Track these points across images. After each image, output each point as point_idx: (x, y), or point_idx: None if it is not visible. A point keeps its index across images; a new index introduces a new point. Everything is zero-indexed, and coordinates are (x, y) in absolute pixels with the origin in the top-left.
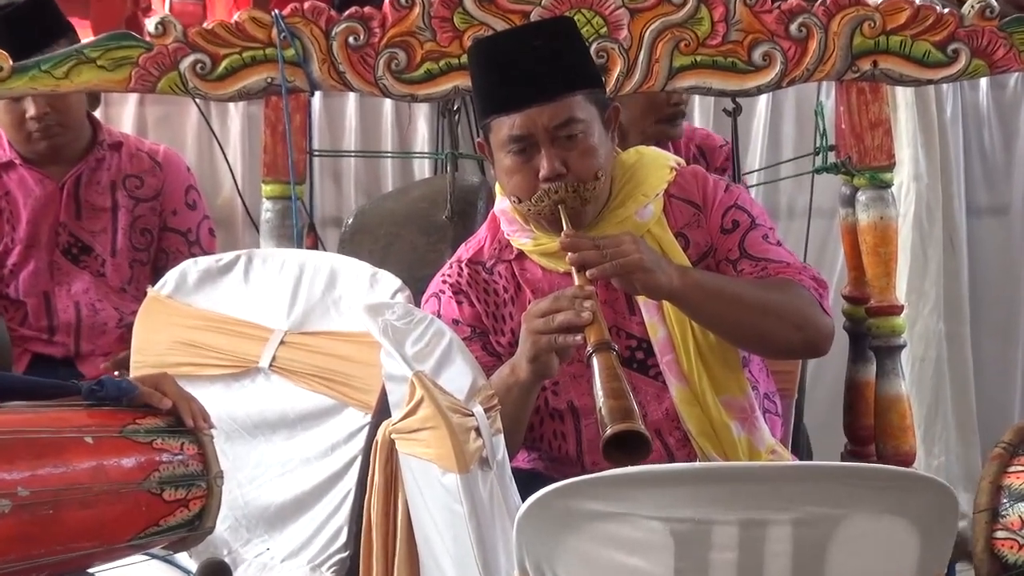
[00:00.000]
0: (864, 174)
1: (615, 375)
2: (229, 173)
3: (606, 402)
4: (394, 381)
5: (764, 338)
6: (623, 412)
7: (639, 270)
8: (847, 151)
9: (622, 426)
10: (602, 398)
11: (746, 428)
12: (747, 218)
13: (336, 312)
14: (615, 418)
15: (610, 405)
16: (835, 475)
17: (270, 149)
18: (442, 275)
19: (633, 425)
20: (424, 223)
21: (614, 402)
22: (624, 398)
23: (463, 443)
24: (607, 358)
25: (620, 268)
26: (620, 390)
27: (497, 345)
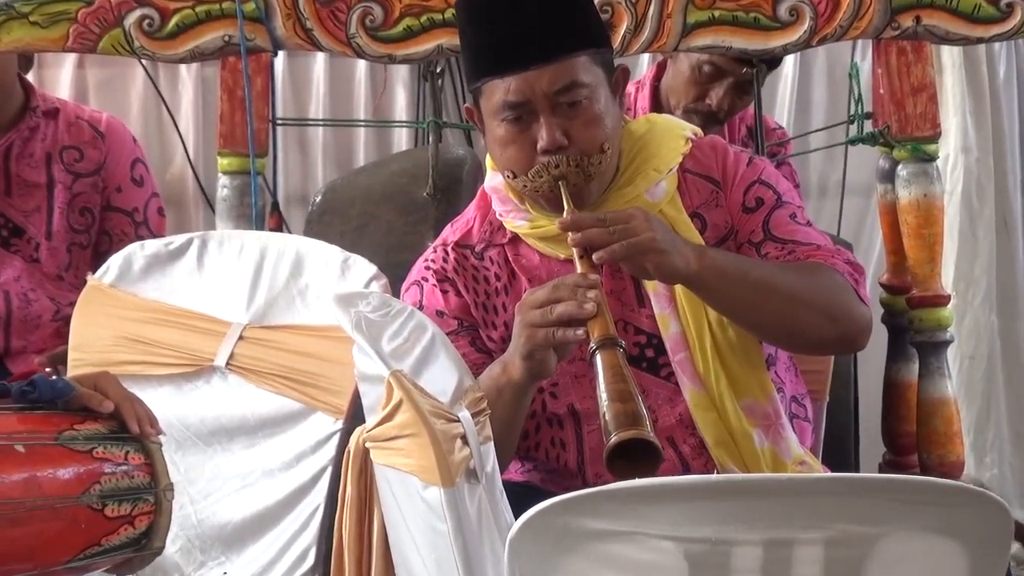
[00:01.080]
0: (905, 145)
1: (621, 375)
2: (180, 145)
3: (611, 406)
4: (368, 382)
5: (793, 330)
6: (630, 417)
7: (652, 251)
8: (886, 119)
9: (629, 433)
10: (606, 401)
11: (770, 437)
12: (772, 195)
13: (302, 303)
14: (621, 424)
15: (616, 409)
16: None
17: (227, 117)
18: (424, 260)
19: (641, 432)
20: (403, 201)
21: (620, 406)
22: (631, 401)
23: (447, 452)
24: (613, 356)
25: (631, 249)
26: (627, 392)
27: (488, 340)
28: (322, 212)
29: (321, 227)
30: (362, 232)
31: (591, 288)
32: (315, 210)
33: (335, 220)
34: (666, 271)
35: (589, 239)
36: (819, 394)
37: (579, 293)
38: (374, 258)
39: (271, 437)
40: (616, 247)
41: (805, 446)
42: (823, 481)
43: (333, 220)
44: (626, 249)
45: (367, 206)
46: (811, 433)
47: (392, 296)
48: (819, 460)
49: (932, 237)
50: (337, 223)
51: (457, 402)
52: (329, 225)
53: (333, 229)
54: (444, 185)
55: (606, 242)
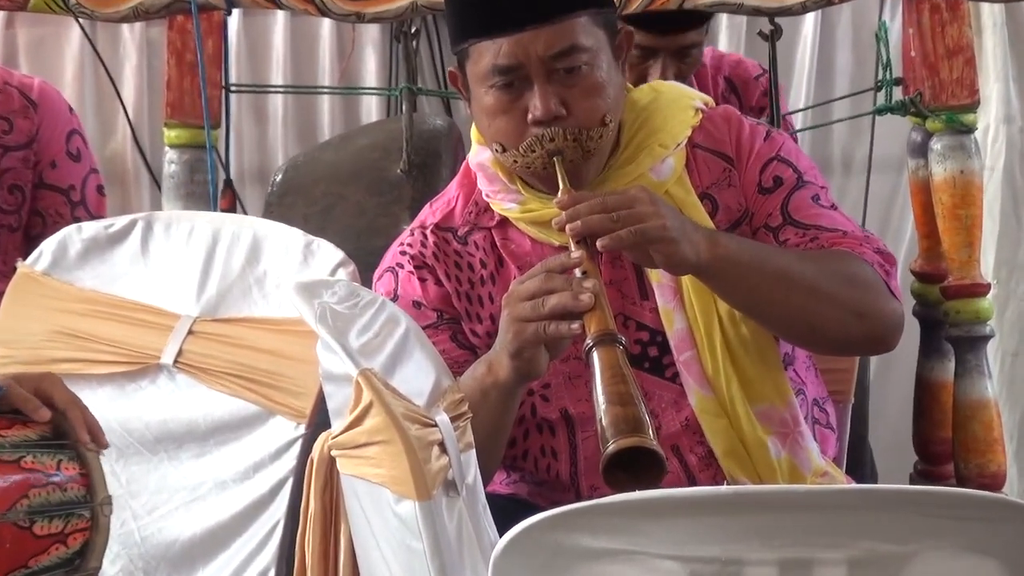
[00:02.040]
0: (940, 115)
1: (621, 376)
2: (122, 114)
3: (609, 410)
4: (334, 382)
5: (815, 328)
6: (631, 423)
7: (662, 240)
8: (917, 86)
9: (629, 441)
10: (604, 405)
11: (788, 446)
12: (792, 174)
13: (260, 293)
14: (620, 430)
15: (614, 413)
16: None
17: (175, 84)
18: (400, 245)
19: (643, 440)
20: (374, 179)
21: (620, 410)
22: (632, 405)
23: (423, 462)
24: (611, 354)
25: (638, 237)
26: (627, 395)
27: (471, 335)
28: (283, 192)
29: (282, 209)
30: (328, 214)
31: (588, 277)
32: (275, 190)
33: (297, 201)
34: (675, 261)
35: (589, 227)
36: (843, 396)
37: (575, 283)
38: (342, 243)
39: (224, 444)
40: (623, 234)
41: (827, 455)
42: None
43: (295, 201)
44: (633, 237)
45: (333, 185)
46: (834, 441)
47: (361, 285)
48: (843, 471)
49: (970, 218)
50: (300, 204)
51: (435, 405)
52: (291, 207)
53: (295, 211)
54: (420, 160)
55: (608, 229)
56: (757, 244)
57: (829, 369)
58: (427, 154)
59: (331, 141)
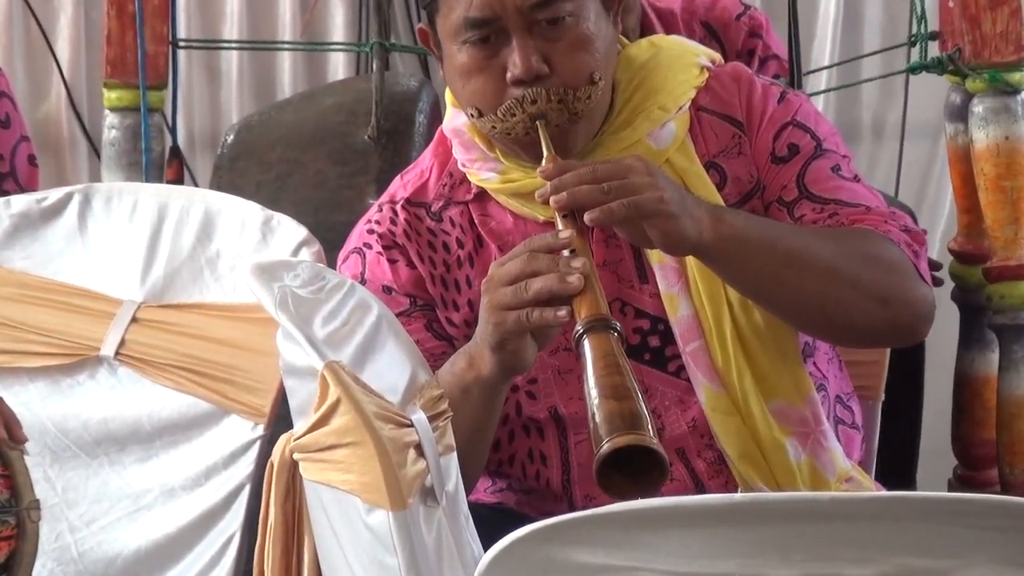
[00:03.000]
0: (981, 74)
1: (616, 366)
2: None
3: (602, 404)
4: (297, 376)
5: (833, 316)
6: (627, 418)
7: (658, 215)
8: (956, 41)
9: (626, 439)
10: (597, 399)
11: (808, 448)
12: (810, 141)
13: (212, 276)
14: (616, 427)
15: (608, 409)
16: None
17: (116, 39)
18: (367, 222)
19: (641, 438)
20: (339, 146)
21: (614, 404)
22: (629, 399)
23: (398, 466)
24: (604, 341)
25: (632, 211)
26: (623, 387)
27: (447, 324)
28: (234, 155)
29: (232, 174)
30: (284, 183)
31: (576, 256)
32: (225, 152)
33: (250, 166)
34: (674, 239)
35: (577, 199)
36: (871, 392)
37: (562, 262)
38: (303, 218)
39: (173, 447)
40: (615, 207)
41: (852, 459)
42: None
43: (247, 166)
44: (626, 210)
45: (291, 149)
46: (860, 443)
47: (326, 266)
48: (871, 476)
49: (1016, 191)
50: (252, 169)
51: (410, 402)
52: (242, 172)
53: (247, 177)
54: (391, 126)
55: (598, 201)
56: (768, 221)
57: (855, 362)
58: (399, 118)
59: (291, 100)
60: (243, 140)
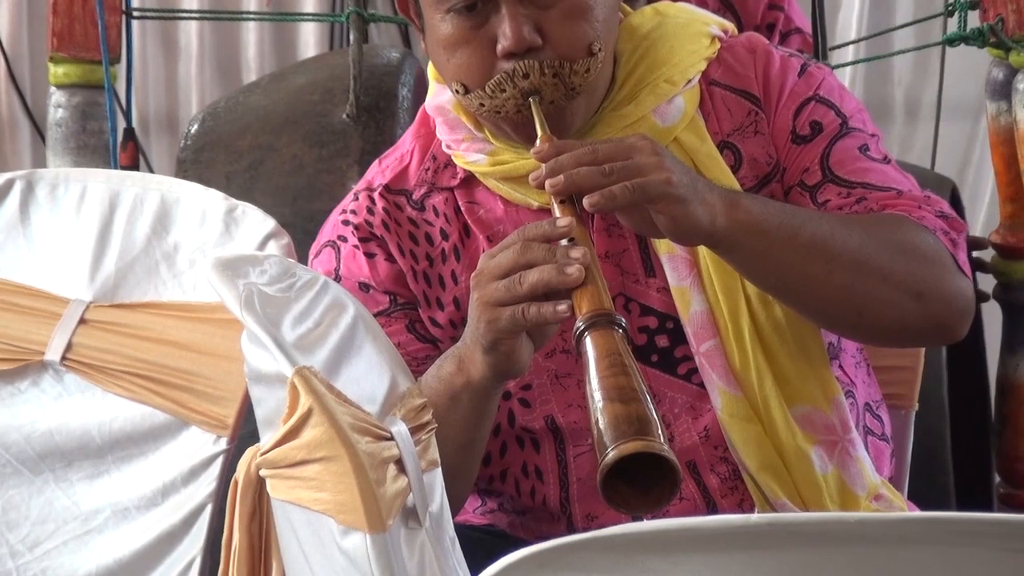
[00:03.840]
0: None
1: (621, 366)
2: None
3: (608, 408)
4: (264, 383)
5: (862, 312)
6: (634, 423)
7: (665, 199)
8: (998, 10)
9: (634, 445)
10: (600, 402)
11: (836, 458)
12: (835, 118)
13: (170, 272)
14: (622, 432)
15: (613, 412)
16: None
17: (63, 8)
18: (342, 212)
19: (651, 444)
20: (314, 127)
21: (620, 408)
22: (636, 401)
23: (376, 484)
24: (608, 339)
25: (636, 195)
26: (629, 389)
27: (432, 325)
28: (199, 146)
29: (198, 167)
30: (256, 172)
31: (575, 245)
32: (189, 143)
33: (218, 156)
34: (684, 227)
35: (575, 183)
36: (903, 401)
37: (559, 253)
38: (273, 208)
39: (126, 462)
40: (617, 191)
41: (882, 475)
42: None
43: (215, 156)
44: (630, 194)
45: (263, 135)
46: (890, 456)
47: (298, 261)
48: (903, 495)
49: None
50: (221, 160)
51: (390, 412)
52: (209, 164)
53: (215, 169)
54: (372, 102)
55: (598, 185)
56: (788, 207)
57: (885, 367)
58: (380, 94)
59: (260, 82)
60: (208, 129)
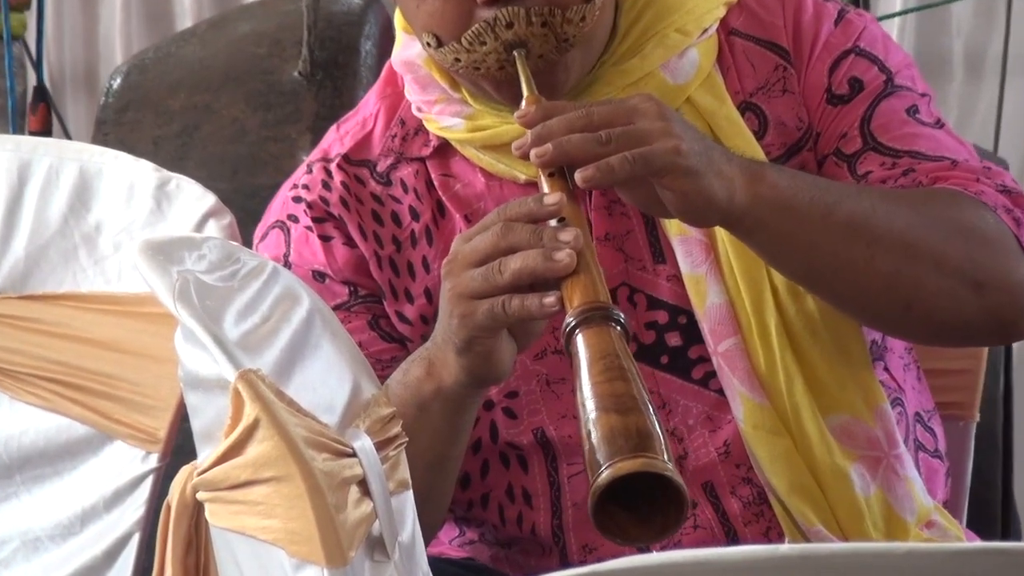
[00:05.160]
0: None
1: (618, 370)
2: None
3: (601, 419)
4: (202, 389)
5: (911, 305)
6: (633, 436)
7: (674, 171)
8: None
9: (631, 463)
10: (593, 412)
11: (880, 477)
12: (878, 74)
13: (90, 258)
14: (618, 448)
15: (609, 425)
16: None
17: None
18: (293, 187)
19: (651, 462)
20: (261, 86)
21: (616, 419)
22: (635, 411)
23: (335, 509)
24: (603, 338)
25: (639, 166)
26: (627, 397)
27: (399, 320)
28: (122, 105)
29: (120, 129)
30: (192, 139)
31: (566, 226)
32: (111, 101)
33: (144, 117)
34: (696, 205)
35: (566, 152)
36: (961, 410)
37: (545, 235)
38: (209, 182)
39: (38, 484)
40: (616, 163)
41: (936, 497)
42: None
43: (141, 117)
44: (630, 167)
45: (199, 95)
46: (945, 476)
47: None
48: (961, 522)
49: None
50: (148, 122)
51: (352, 423)
52: (134, 126)
53: (141, 132)
54: (329, 57)
55: (593, 156)
56: (822, 180)
57: (939, 370)
58: (339, 48)
59: (195, 29)
60: (134, 84)
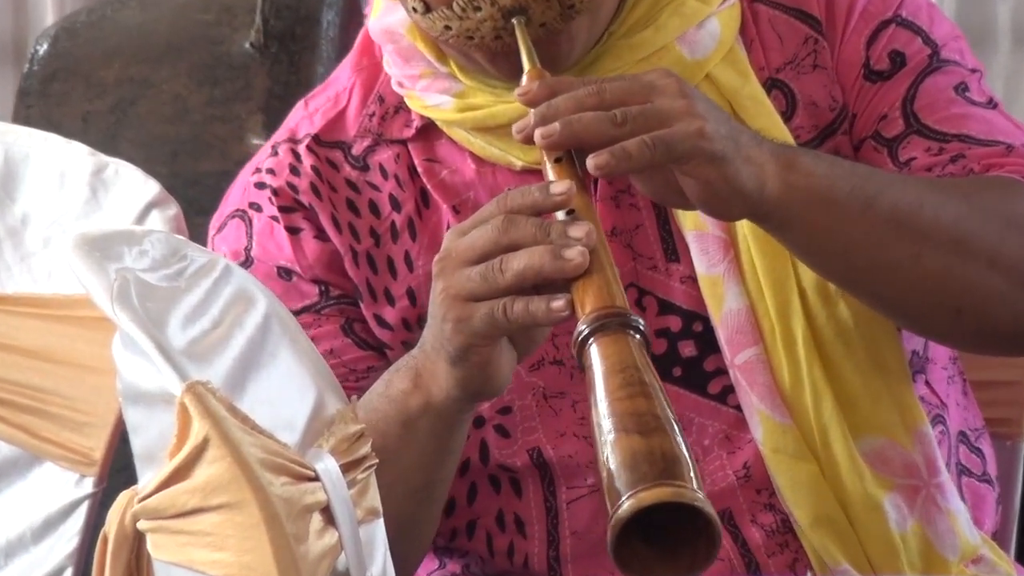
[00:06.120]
0: None
1: (640, 384)
2: None
3: (621, 442)
4: (143, 404)
5: (962, 309)
6: (658, 461)
7: (697, 154)
8: None
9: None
10: (612, 435)
11: (918, 509)
12: (922, 47)
13: (15, 254)
14: (642, 475)
15: (631, 448)
16: None
17: None
18: (255, 172)
19: (680, 491)
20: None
21: (639, 441)
22: (660, 432)
23: (296, 540)
24: (622, 347)
25: (657, 152)
26: (651, 416)
27: (377, 325)
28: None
29: (47, 105)
30: (127, 116)
31: (576, 220)
32: (35, 70)
33: (73, 90)
34: (721, 195)
35: (575, 134)
36: (1012, 429)
37: (553, 230)
38: (146, 166)
39: None
40: (632, 147)
41: (984, 529)
42: None
43: (70, 92)
44: (650, 153)
45: (135, 65)
46: (995, 504)
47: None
48: (1011, 555)
49: None
50: (77, 96)
51: (315, 443)
52: (62, 100)
53: (69, 107)
54: (285, 27)
55: (607, 139)
56: (861, 167)
57: (989, 382)
58: (296, 18)
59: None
60: (63, 51)
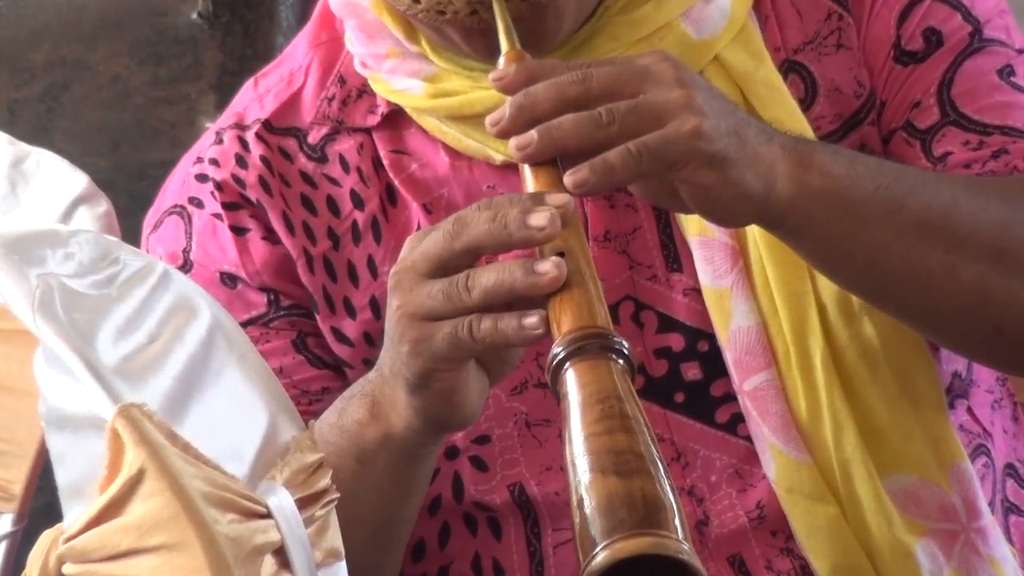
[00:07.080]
0: None
1: (620, 417)
2: None
3: (596, 484)
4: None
5: (1002, 326)
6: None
7: (692, 159)
8: None
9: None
10: (587, 475)
11: (956, 558)
12: (962, 24)
13: None
14: (617, 523)
15: (606, 492)
16: None
17: None
18: (197, 163)
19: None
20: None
21: (616, 483)
22: (641, 473)
23: None
24: (600, 374)
25: (644, 162)
26: (630, 454)
27: (335, 341)
28: None
29: None
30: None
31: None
32: None
33: None
34: (723, 202)
35: (554, 141)
36: None
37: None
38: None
39: None
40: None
41: None
42: None
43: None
44: (636, 163)
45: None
46: None
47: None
48: None
49: None
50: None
51: (267, 474)
52: None
53: None
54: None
55: (593, 142)
56: (889, 165)
57: None
58: None
59: None
60: None
